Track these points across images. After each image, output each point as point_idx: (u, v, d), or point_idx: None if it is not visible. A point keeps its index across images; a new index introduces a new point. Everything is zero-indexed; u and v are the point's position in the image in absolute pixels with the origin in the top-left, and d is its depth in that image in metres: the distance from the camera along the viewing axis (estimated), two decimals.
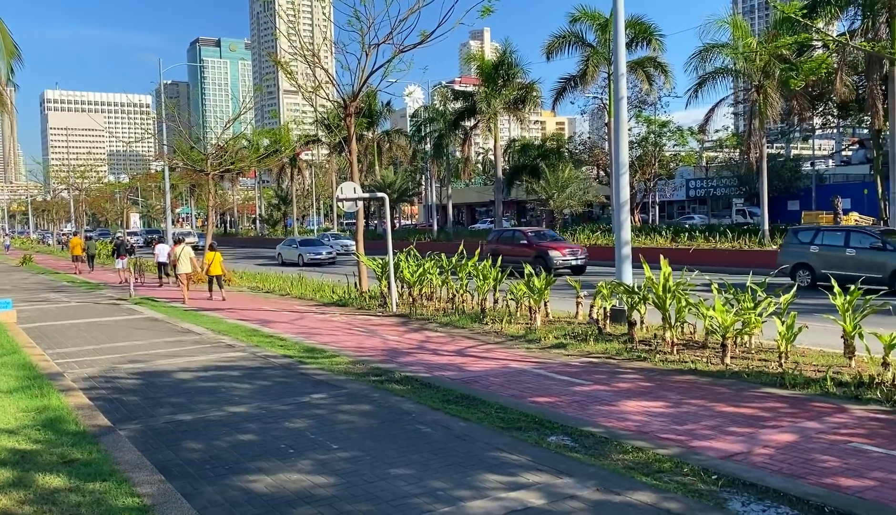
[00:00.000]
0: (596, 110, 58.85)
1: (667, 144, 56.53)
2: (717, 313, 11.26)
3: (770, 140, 48.07)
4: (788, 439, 7.28)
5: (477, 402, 8.97)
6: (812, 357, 11.06)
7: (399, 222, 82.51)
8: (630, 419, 8.17)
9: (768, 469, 6.42)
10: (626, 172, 15.54)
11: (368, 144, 57.99)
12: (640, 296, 13.15)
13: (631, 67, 38.65)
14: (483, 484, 6.15)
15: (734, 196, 55.63)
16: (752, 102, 33.56)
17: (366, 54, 20.15)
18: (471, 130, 50.90)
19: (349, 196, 19.70)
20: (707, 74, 33.98)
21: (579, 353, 12.22)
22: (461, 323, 15.69)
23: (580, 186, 43.48)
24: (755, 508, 5.65)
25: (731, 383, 9.80)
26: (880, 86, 29.02)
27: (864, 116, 35.79)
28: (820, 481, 6.12)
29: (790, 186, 51.80)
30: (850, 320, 10.59)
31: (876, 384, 9.11)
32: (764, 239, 32.41)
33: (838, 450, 6.90)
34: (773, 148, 57.78)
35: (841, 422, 7.82)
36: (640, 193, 56.89)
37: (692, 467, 6.49)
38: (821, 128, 50.87)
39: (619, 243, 15.23)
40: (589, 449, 7.12)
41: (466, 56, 50.72)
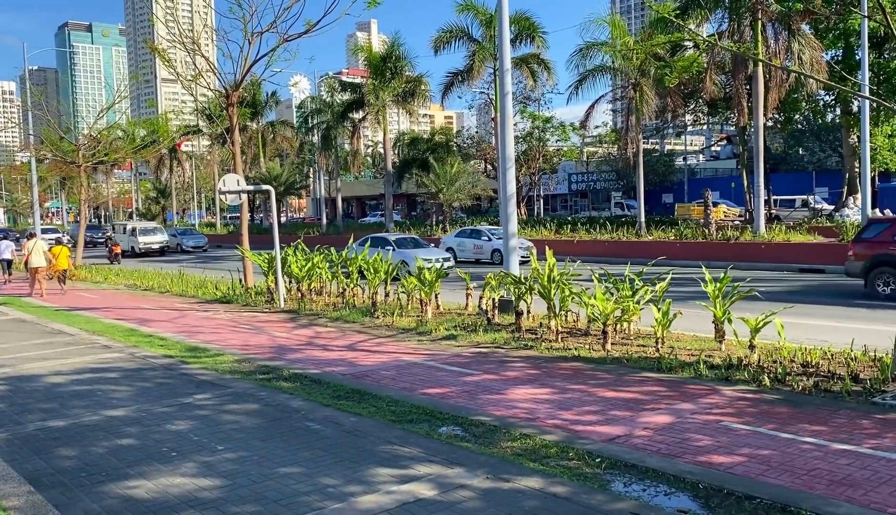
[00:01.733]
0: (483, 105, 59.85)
1: (550, 140, 58.12)
2: (598, 301, 11.69)
3: (646, 136, 50.35)
4: (665, 420, 7.65)
5: (368, 396, 8.92)
6: (686, 342, 11.67)
7: (287, 216, 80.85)
8: (518, 406, 8.35)
9: (647, 451, 6.73)
10: (513, 166, 15.85)
11: (253, 135, 56.48)
12: (526, 286, 13.46)
13: (516, 63, 39.42)
14: (374, 479, 6.12)
15: (613, 189, 57.89)
16: (629, 99, 35.00)
17: (248, 43, 19.62)
18: (359, 123, 50.49)
19: (232, 189, 19.10)
20: (587, 71, 35.12)
21: (469, 344, 12.38)
22: (352, 318, 15.56)
23: (469, 179, 44.05)
24: (636, 488, 5.90)
25: (612, 368, 10.21)
26: (745, 85, 30.95)
27: (731, 113, 38.04)
28: (695, 459, 6.47)
29: (665, 180, 54.47)
30: (720, 306, 11.24)
31: (744, 365, 9.72)
32: (641, 230, 33.91)
33: (711, 429, 7.31)
34: (649, 143, 60.57)
35: (713, 403, 8.29)
36: (526, 186, 58.24)
37: (577, 451, 6.71)
38: (692, 124, 53.75)
39: (507, 236, 15.53)
40: (479, 438, 7.22)
41: (354, 47, 50.20)
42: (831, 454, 6.48)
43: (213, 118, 37.88)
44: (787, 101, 35.34)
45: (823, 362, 9.82)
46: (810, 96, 38.20)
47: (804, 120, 46.08)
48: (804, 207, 41.54)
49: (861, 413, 7.67)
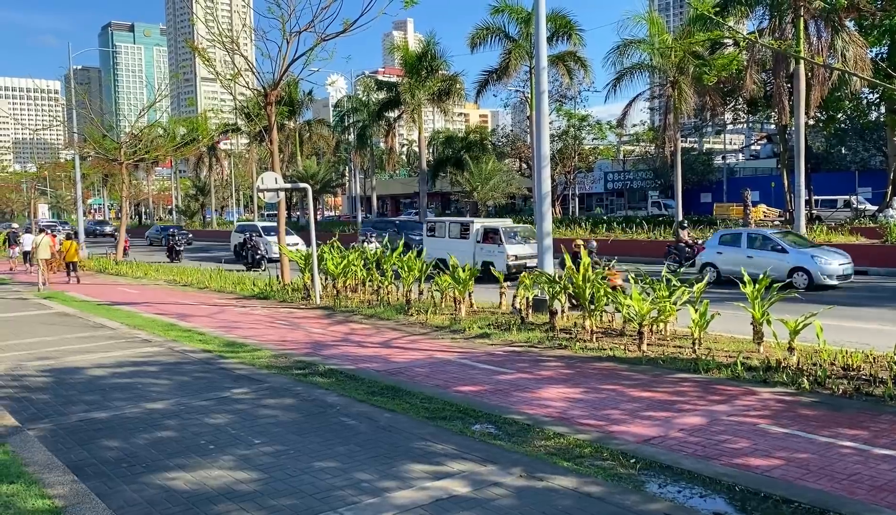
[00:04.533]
0: (518, 104, 59.62)
1: (586, 138, 57.67)
2: (634, 301, 11.61)
3: (684, 135, 49.70)
4: (701, 422, 7.58)
5: (402, 393, 8.98)
6: (724, 343, 11.53)
7: (322, 214, 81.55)
8: (552, 405, 8.33)
9: (683, 452, 6.67)
10: (548, 164, 15.79)
11: (290, 133, 57.03)
12: (561, 286, 13.42)
13: (552, 61, 39.19)
14: (408, 474, 6.17)
15: (650, 189, 57.26)
16: (667, 97, 34.59)
17: (287, 42, 19.84)
18: (395, 121, 50.69)
19: (270, 187, 19.34)
20: (625, 69, 34.79)
21: (503, 342, 12.38)
22: (386, 315, 15.65)
23: (503, 178, 43.98)
24: (671, 489, 5.86)
25: (647, 369, 10.13)
26: (786, 83, 30.39)
27: (771, 112, 37.41)
28: (731, 461, 6.40)
29: (703, 179, 53.67)
30: (758, 307, 11.08)
31: (782, 368, 9.57)
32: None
33: (747, 431, 7.22)
34: (687, 142, 59.75)
35: (750, 405, 8.19)
36: (561, 185, 57.91)
37: (611, 451, 6.68)
38: (731, 123, 52.97)
39: (541, 235, 15.48)
40: (512, 436, 7.23)
41: (390, 46, 50.38)
42: (872, 458, 6.36)
43: (252, 117, 38.40)
44: (830, 99, 34.56)
45: (865, 365, 9.62)
46: (854, 95, 37.29)
47: (847, 119, 45.02)
48: (846, 207, 40.63)
49: None
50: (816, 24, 28.78)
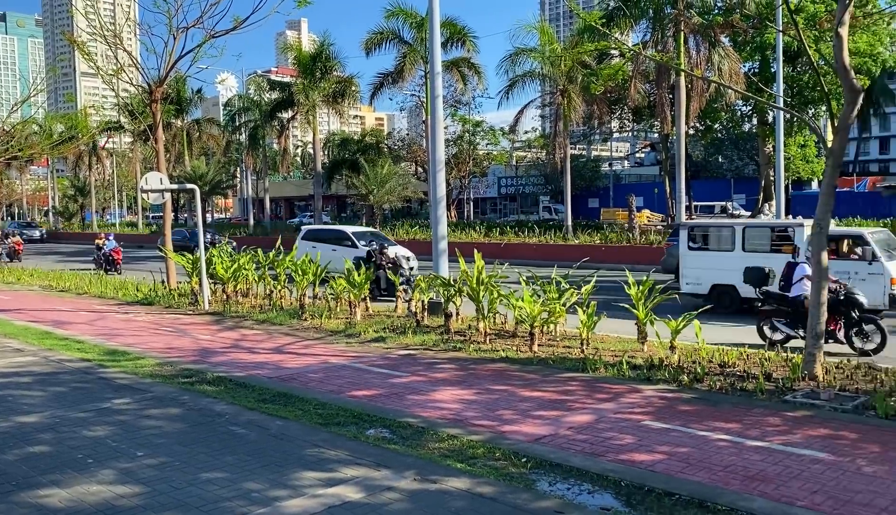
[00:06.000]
0: (414, 108, 59.88)
1: (480, 143, 58.61)
2: (525, 303, 11.85)
3: (573, 142, 51.31)
4: (589, 419, 7.82)
5: (295, 399, 8.81)
6: (610, 343, 11.96)
7: (212, 216, 79.00)
8: (446, 407, 8.39)
9: (572, 450, 6.86)
10: (443, 168, 15.92)
11: (177, 132, 54.98)
12: (455, 289, 13.55)
13: (446, 67, 39.60)
14: (300, 482, 6.05)
15: (541, 194, 58.80)
16: (557, 105, 35.63)
17: (173, 38, 19.13)
18: (288, 122, 49.76)
19: (155, 187, 18.55)
20: (517, 76, 35.60)
21: (398, 346, 12.36)
22: (279, 320, 15.33)
23: (399, 181, 43.96)
24: (560, 487, 6.01)
25: (538, 369, 10.37)
26: (668, 94, 31.91)
27: (654, 121, 39.12)
28: (617, 457, 6.63)
29: (591, 185, 55.62)
30: (642, 308, 11.56)
31: (665, 366, 10.03)
32: (567, 234, 34.53)
33: (632, 428, 7.51)
34: (576, 149, 61.79)
35: (635, 402, 8.52)
36: (457, 189, 58.58)
37: (503, 451, 6.79)
38: (618, 131, 55.03)
39: (437, 238, 15.58)
40: (407, 440, 7.22)
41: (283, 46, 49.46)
42: (745, 450, 6.75)
43: (136, 114, 36.71)
44: (708, 110, 36.58)
45: (739, 362, 10.22)
46: (729, 106, 39.60)
47: (723, 129, 47.74)
48: (723, 212, 43.09)
49: (773, 411, 8.01)
50: (695, 39, 30.39)
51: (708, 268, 15.82)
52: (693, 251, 16.26)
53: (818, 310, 9.31)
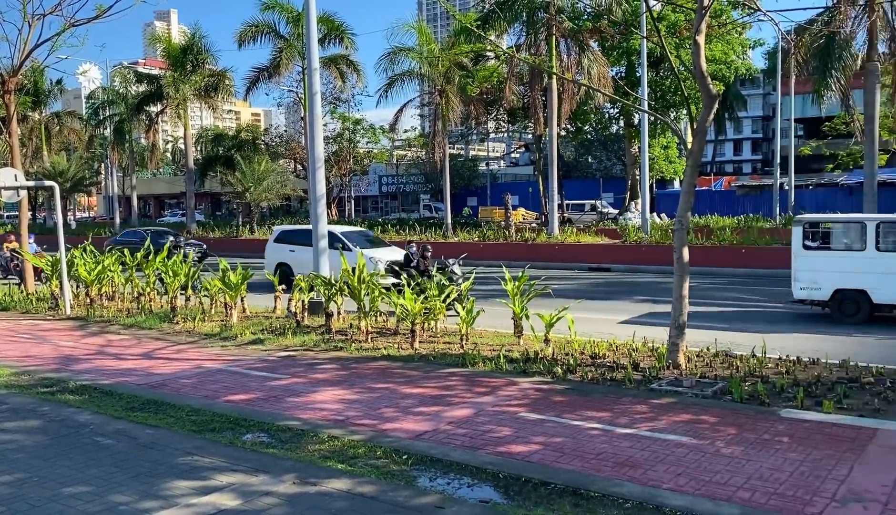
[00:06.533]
0: (292, 104, 58.53)
1: (361, 141, 58.29)
2: (406, 301, 11.90)
3: (452, 141, 52.03)
4: (468, 414, 7.95)
5: (166, 407, 8.44)
6: (489, 338, 12.21)
7: (75, 215, 74.33)
8: (327, 408, 8.29)
9: (452, 444, 6.95)
10: (322, 166, 15.71)
11: (35, 126, 51.40)
12: (336, 287, 13.41)
13: (325, 63, 39.09)
14: (172, 492, 5.80)
15: (422, 192, 59.26)
16: (435, 104, 35.98)
17: (28, 25, 17.84)
18: (157, 116, 47.63)
19: (9, 184, 17.23)
20: (396, 75, 35.65)
21: (277, 347, 12.10)
22: (148, 324, 14.64)
23: (277, 179, 42.94)
24: (441, 482, 6.08)
25: (419, 365, 10.43)
26: (541, 96, 32.91)
27: (528, 122, 40.26)
28: (496, 450, 6.78)
29: (470, 184, 56.59)
30: (518, 303, 11.87)
31: (540, 358, 10.35)
32: (447, 232, 34.95)
33: (509, 420, 7.69)
34: (455, 148, 62.67)
35: (512, 395, 8.74)
36: (337, 187, 57.95)
37: (384, 449, 6.79)
38: (494, 131, 56.25)
39: (317, 237, 15.36)
40: (286, 443, 7.08)
41: (151, 37, 47.01)
42: (615, 437, 7.07)
43: None
44: (578, 112, 38.05)
45: (609, 353, 10.69)
46: (598, 109, 41.43)
47: (593, 131, 49.84)
48: (593, 211, 44.95)
49: (641, 399, 8.43)
50: (566, 43, 31.48)
51: (829, 270, 13.83)
52: (810, 251, 14.11)
53: (680, 302, 9.87)
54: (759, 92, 79.58)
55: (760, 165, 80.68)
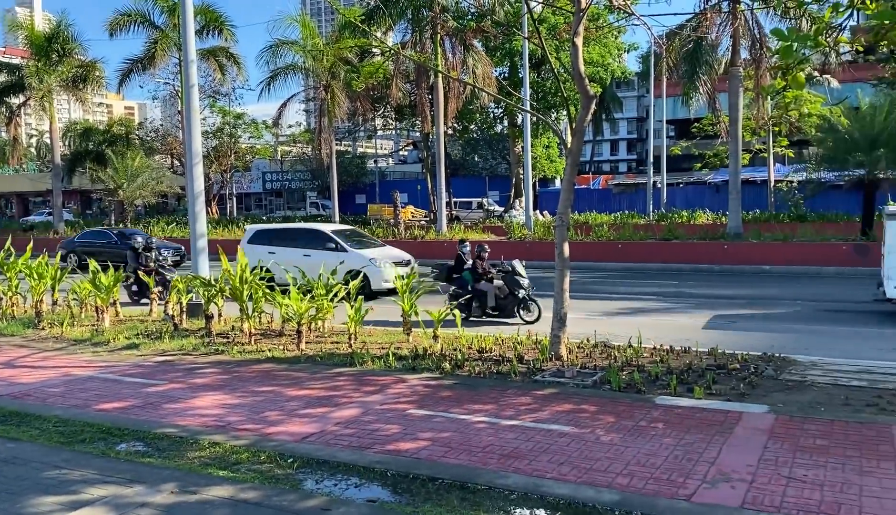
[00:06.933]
0: (168, 97, 56.16)
1: (242, 136, 56.68)
2: (292, 301, 11.65)
3: (338, 138, 51.49)
4: (356, 413, 7.87)
5: (31, 418, 7.88)
6: (378, 336, 12.14)
7: None
8: (208, 414, 7.98)
9: (339, 445, 6.85)
10: (200, 162, 15.12)
11: None
12: (217, 288, 12.96)
13: (203, 55, 37.78)
14: (38, 509, 5.42)
15: (308, 189, 58.30)
16: (321, 100, 35.48)
17: None
18: (19, 108, 44.33)
19: None
20: (279, 69, 34.89)
21: (154, 352, 11.55)
22: (10, 330, 13.64)
23: (153, 175, 41.10)
24: (328, 484, 5.98)
25: (306, 367, 10.24)
26: (428, 94, 33.10)
27: (415, 119, 40.44)
28: (384, 448, 6.74)
29: (357, 181, 56.19)
30: (407, 300, 11.87)
31: (428, 355, 10.38)
32: None
33: (398, 418, 7.67)
34: (342, 145, 62.00)
35: (400, 392, 8.72)
36: (218, 184, 56.12)
37: (269, 454, 6.61)
38: (382, 129, 56.11)
39: (195, 236, 14.78)
40: (164, 452, 6.77)
41: (12, 23, 43.83)
42: (501, 430, 7.18)
43: None
44: (465, 111, 38.54)
45: (496, 347, 10.87)
46: (483, 108, 42.13)
47: (478, 130, 50.62)
48: (480, 208, 45.68)
49: (525, 391, 8.61)
50: (451, 42, 31.78)
51: None
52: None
53: (562, 296, 10.16)
54: (634, 94, 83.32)
55: (635, 164, 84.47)
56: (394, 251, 18.44)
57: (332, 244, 17.57)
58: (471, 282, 13.95)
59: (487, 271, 14.07)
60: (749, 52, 25.73)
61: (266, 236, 18.95)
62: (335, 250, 17.46)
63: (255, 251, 17.70)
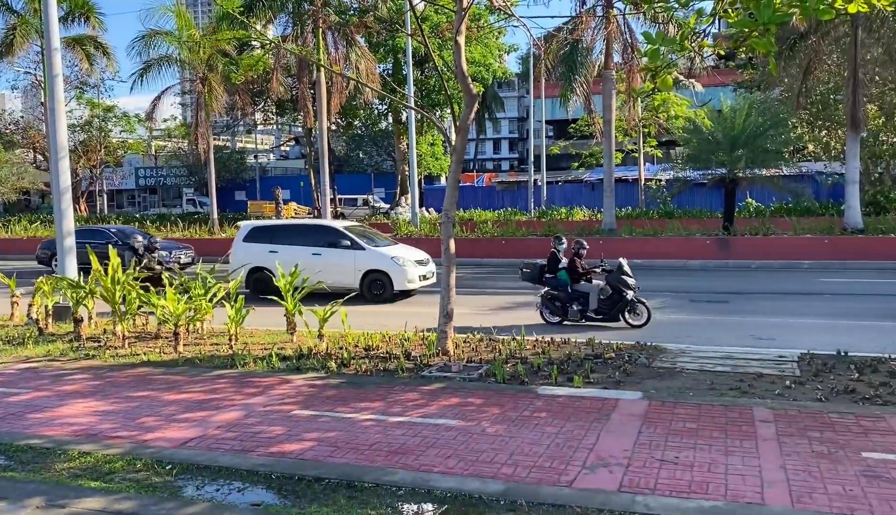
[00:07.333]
0: (30, 87, 52.50)
1: (113, 130, 53.84)
2: (168, 302, 11.19)
3: (217, 132, 49.83)
4: (239, 416, 7.65)
5: None
6: (260, 337, 11.85)
7: None
8: (78, 423, 7.54)
9: (221, 449, 6.64)
10: (66, 156, 14.25)
11: None
12: (86, 290, 12.25)
13: (68, 44, 35.58)
14: None
15: (185, 186, 56.13)
16: (198, 93, 34.20)
17: None
18: None
19: None
20: (153, 60, 33.39)
21: (15, 359, 10.79)
22: None
23: (13, 171, 38.40)
24: (209, 489, 5.79)
25: (184, 370, 9.86)
26: (310, 89, 32.57)
27: (298, 114, 39.70)
28: (267, 451, 6.58)
29: (237, 177, 54.57)
30: (290, 300, 11.65)
31: (313, 354, 10.24)
32: (214, 227, 33.46)
33: (282, 419, 7.52)
34: (220, 140, 60.04)
35: (285, 393, 8.55)
36: (86, 180, 53.07)
37: (145, 461, 6.33)
38: (263, 123, 54.81)
39: (61, 235, 13.92)
40: (28, 465, 6.34)
41: None
42: (389, 427, 7.18)
43: None
44: (348, 107, 38.22)
45: (383, 344, 10.87)
46: (367, 104, 41.91)
47: (363, 126, 50.35)
48: (365, 205, 45.48)
49: (412, 387, 8.65)
50: (334, 37, 31.42)
51: None
52: None
53: (448, 292, 10.28)
54: (515, 95, 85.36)
55: (517, 162, 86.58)
56: (411, 250, 17.53)
57: (346, 242, 16.41)
58: (568, 283, 12.76)
59: (588, 271, 12.88)
60: (621, 56, 26.89)
61: (266, 234, 17.39)
62: (350, 249, 16.36)
63: (252, 250, 16.63)
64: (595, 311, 12.62)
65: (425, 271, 16.55)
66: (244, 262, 16.09)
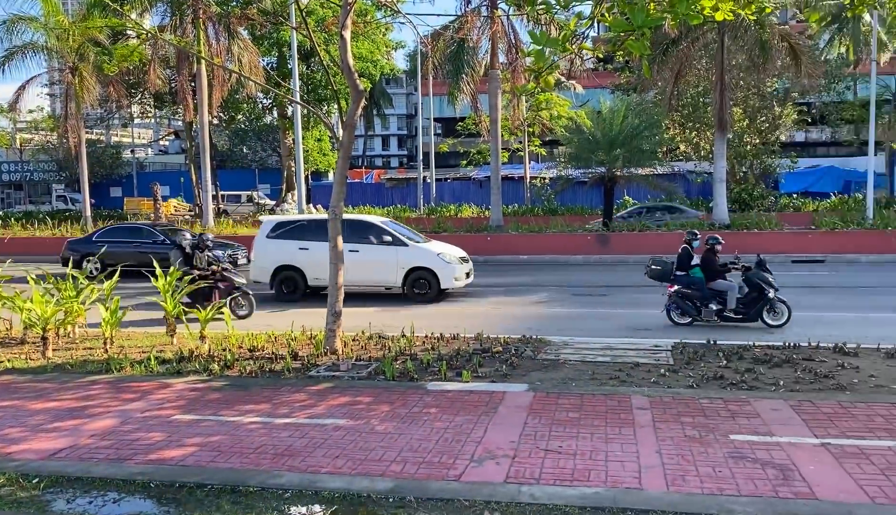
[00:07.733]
0: None
1: None
2: (35, 305, 10.50)
3: (89, 125, 47.13)
4: (114, 423, 7.27)
5: None
6: (138, 340, 11.32)
7: None
8: None
9: (94, 459, 6.29)
10: None
11: None
12: None
13: None
14: None
15: (54, 181, 52.87)
16: (67, 83, 32.24)
17: None
18: None
19: None
20: (16, 47, 31.15)
21: None
22: None
23: None
24: (81, 502, 5.47)
25: (54, 376, 9.27)
26: (190, 81, 31.39)
27: (177, 108, 38.18)
28: (146, 458, 6.29)
29: (112, 173, 51.90)
30: (170, 300, 11.18)
31: (195, 357, 9.87)
32: (87, 225, 31.66)
33: (162, 425, 7.21)
34: (94, 134, 56.86)
35: (164, 398, 8.20)
36: None
37: (9, 475, 5.91)
38: (140, 116, 52.32)
39: None
40: None
41: None
42: (275, 429, 7.02)
43: None
44: (231, 100, 37.10)
45: (268, 344, 10.62)
46: (251, 98, 40.82)
47: (247, 120, 48.99)
48: (250, 202, 44.30)
49: (299, 388, 8.50)
50: (215, 28, 30.42)
51: None
52: None
53: (336, 290, 10.16)
54: (403, 92, 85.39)
55: (406, 159, 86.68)
56: (452, 247, 16.58)
57: (387, 238, 15.31)
58: (703, 280, 11.96)
59: (724, 267, 12.04)
60: (506, 56, 27.44)
61: (295, 230, 15.95)
62: (392, 245, 15.28)
63: (280, 247, 15.54)
64: (734, 311, 11.87)
65: (468, 268, 15.89)
66: (270, 260, 15.24)
